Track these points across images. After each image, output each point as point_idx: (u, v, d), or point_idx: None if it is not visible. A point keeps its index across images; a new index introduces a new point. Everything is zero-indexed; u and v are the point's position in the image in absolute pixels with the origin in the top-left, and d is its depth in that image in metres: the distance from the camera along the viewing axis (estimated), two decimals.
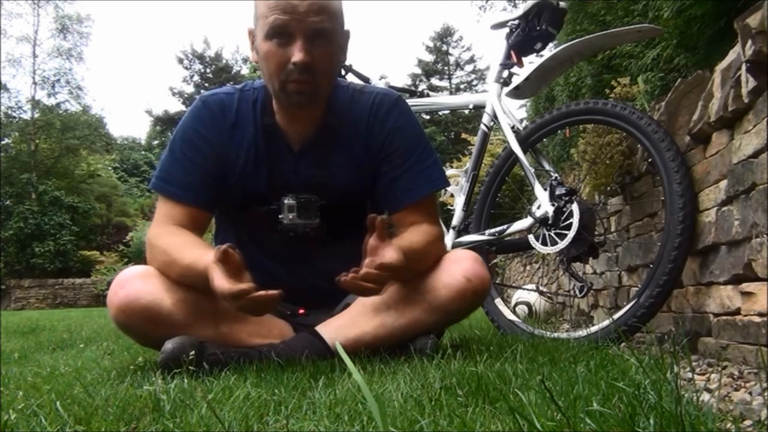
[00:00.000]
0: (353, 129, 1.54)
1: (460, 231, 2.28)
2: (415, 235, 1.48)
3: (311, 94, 1.43)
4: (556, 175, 2.00)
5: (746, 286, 1.41)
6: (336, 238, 1.53)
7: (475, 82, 29.99)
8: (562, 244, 1.89)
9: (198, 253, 1.35)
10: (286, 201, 1.49)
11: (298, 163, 1.52)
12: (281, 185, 1.51)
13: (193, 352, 1.27)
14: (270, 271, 1.56)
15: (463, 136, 9.57)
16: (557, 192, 1.93)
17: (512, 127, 2.15)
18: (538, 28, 2.14)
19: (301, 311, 1.52)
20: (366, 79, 2.35)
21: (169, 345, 1.30)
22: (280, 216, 1.50)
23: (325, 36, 1.39)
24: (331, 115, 1.53)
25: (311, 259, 1.53)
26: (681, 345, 1.54)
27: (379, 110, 1.54)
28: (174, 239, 1.43)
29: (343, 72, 2.27)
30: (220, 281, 1.24)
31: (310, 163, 1.53)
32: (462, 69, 30.60)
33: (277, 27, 1.36)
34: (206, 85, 29.85)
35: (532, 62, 2.23)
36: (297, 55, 1.35)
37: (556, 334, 1.88)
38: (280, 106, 1.50)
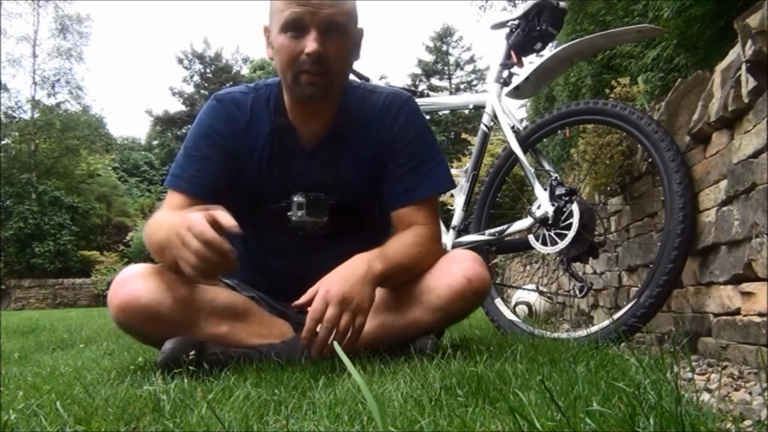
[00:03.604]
0: (363, 129, 1.54)
1: (460, 231, 2.28)
2: (407, 239, 1.47)
3: (323, 86, 1.43)
4: (556, 175, 2.00)
5: (746, 286, 1.41)
6: (342, 239, 1.53)
7: (475, 82, 30.02)
8: (562, 244, 1.89)
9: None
10: (295, 198, 1.50)
11: (310, 163, 1.52)
12: (292, 185, 1.51)
13: (193, 352, 1.27)
14: (274, 270, 1.57)
15: (463, 136, 9.58)
16: (557, 192, 1.93)
17: (512, 127, 2.15)
18: (538, 28, 2.14)
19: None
20: (366, 79, 2.35)
21: (169, 345, 1.30)
22: (289, 213, 1.50)
23: (338, 29, 1.40)
24: (342, 115, 1.53)
25: (316, 259, 1.53)
26: (681, 345, 1.54)
27: (389, 111, 1.54)
28: (166, 213, 1.43)
29: None
30: (200, 218, 1.21)
31: (321, 164, 1.53)
32: (462, 69, 30.62)
33: (291, 20, 1.38)
34: (206, 85, 29.88)
35: (532, 62, 2.23)
36: (310, 45, 1.37)
37: (556, 334, 1.88)
38: (293, 101, 1.50)
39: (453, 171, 2.31)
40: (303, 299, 1.32)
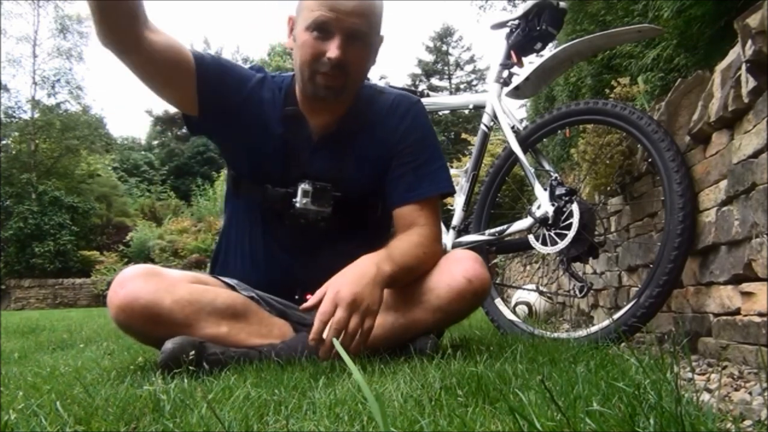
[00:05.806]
0: (370, 129, 1.56)
1: (460, 231, 2.29)
2: (411, 239, 1.48)
3: (337, 90, 1.46)
4: (556, 175, 2.00)
5: (746, 286, 1.41)
6: (344, 236, 1.54)
7: (475, 82, 30.00)
8: (562, 244, 1.89)
9: None
10: (301, 186, 1.51)
11: (314, 155, 1.55)
12: (297, 174, 1.53)
13: (193, 352, 1.27)
14: (277, 262, 1.57)
15: (463, 136, 9.56)
16: (557, 192, 1.93)
17: (512, 127, 2.15)
18: (538, 28, 2.15)
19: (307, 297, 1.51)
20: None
21: (169, 345, 1.30)
22: (294, 200, 1.51)
23: (361, 38, 1.44)
24: (351, 114, 1.55)
25: (317, 253, 1.54)
26: (681, 345, 1.54)
27: (396, 112, 1.57)
28: None
29: None
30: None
31: (325, 158, 1.55)
32: (462, 69, 30.61)
33: (319, 23, 1.41)
34: None
35: (532, 62, 2.23)
36: (333, 51, 1.40)
37: (556, 334, 1.88)
38: (305, 97, 1.53)
39: (453, 171, 2.33)
40: (312, 301, 1.32)
